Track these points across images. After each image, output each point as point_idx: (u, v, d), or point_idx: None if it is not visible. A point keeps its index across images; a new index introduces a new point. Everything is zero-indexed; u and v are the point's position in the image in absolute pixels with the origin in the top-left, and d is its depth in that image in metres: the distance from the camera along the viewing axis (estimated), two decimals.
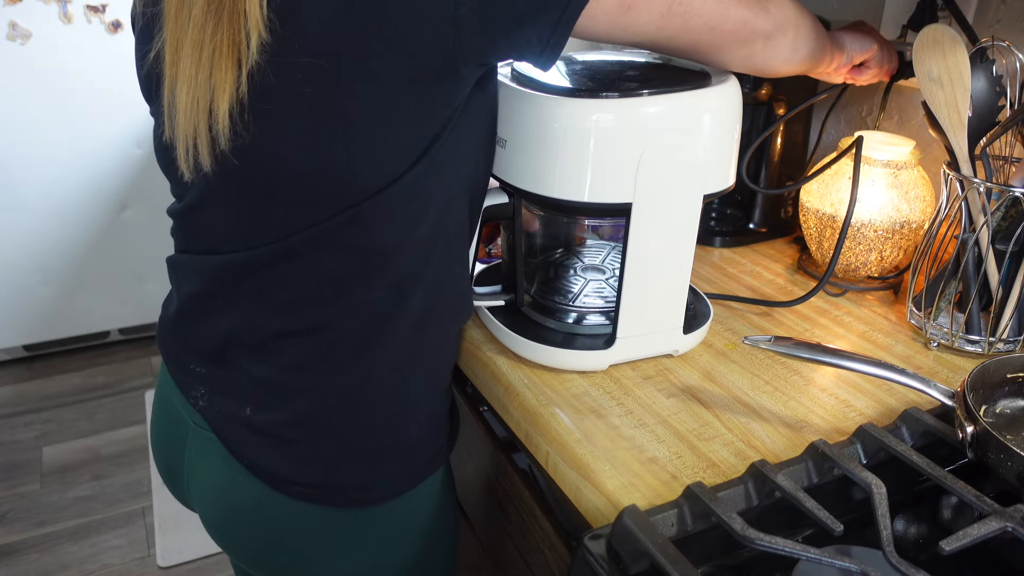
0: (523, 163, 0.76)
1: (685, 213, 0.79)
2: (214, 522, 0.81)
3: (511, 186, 0.79)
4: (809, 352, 0.72)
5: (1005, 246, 0.86)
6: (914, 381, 0.71)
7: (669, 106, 0.74)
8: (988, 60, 0.85)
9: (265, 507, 0.76)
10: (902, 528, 0.64)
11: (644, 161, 0.74)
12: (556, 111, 0.73)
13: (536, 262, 0.97)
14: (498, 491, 0.89)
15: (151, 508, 1.98)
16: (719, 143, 0.77)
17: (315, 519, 0.76)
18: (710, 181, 0.78)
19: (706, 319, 0.89)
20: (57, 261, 2.45)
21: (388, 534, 0.80)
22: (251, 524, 0.78)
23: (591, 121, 0.73)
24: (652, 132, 0.73)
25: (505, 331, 0.85)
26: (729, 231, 1.18)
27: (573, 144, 0.73)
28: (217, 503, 0.79)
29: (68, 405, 2.39)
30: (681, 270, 0.82)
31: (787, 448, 0.73)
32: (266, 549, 0.78)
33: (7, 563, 1.82)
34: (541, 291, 0.92)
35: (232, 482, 0.77)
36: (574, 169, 0.74)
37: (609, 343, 0.82)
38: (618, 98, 0.73)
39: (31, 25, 2.17)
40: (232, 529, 0.80)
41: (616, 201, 0.75)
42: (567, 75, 0.78)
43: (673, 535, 0.60)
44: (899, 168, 0.97)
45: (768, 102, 1.12)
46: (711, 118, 0.76)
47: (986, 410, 0.71)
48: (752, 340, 0.74)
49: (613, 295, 0.89)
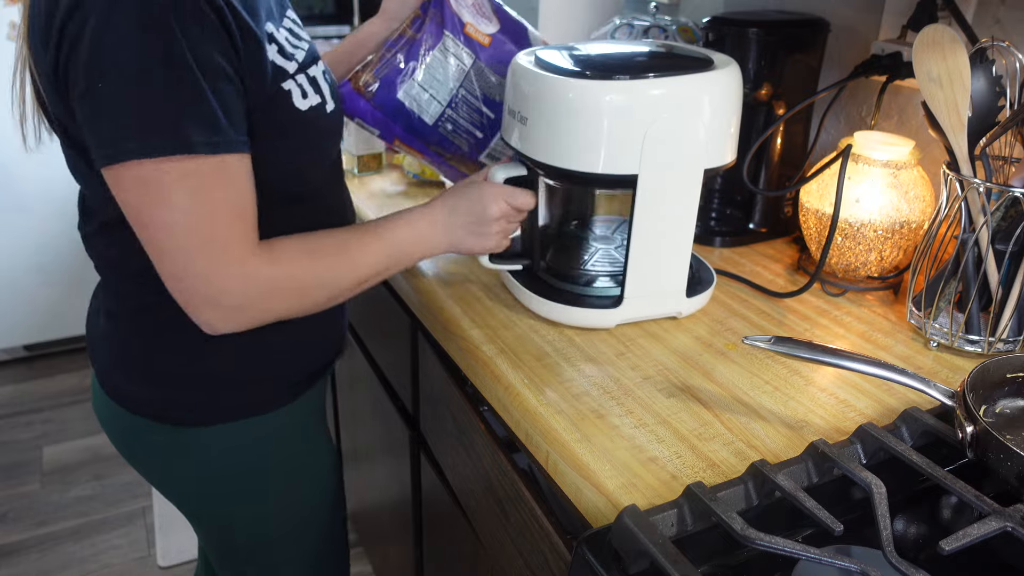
0: (542, 138, 0.86)
1: (687, 185, 0.86)
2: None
3: (531, 159, 0.87)
4: (809, 352, 0.72)
5: (1005, 246, 0.86)
6: (914, 381, 0.71)
7: (673, 87, 0.83)
8: (988, 60, 0.85)
9: (106, 410, 0.88)
10: (902, 528, 0.64)
11: (651, 136, 0.82)
12: (573, 91, 0.82)
13: (551, 232, 1.04)
14: (498, 491, 0.89)
15: (151, 508, 1.98)
16: (719, 122, 0.85)
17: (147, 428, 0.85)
18: (710, 156, 0.86)
19: (709, 285, 0.95)
20: (57, 261, 2.45)
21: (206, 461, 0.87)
22: (106, 425, 0.90)
23: (604, 101, 0.81)
24: (658, 110, 0.82)
25: (526, 292, 0.94)
26: (729, 231, 1.18)
27: (588, 120, 0.82)
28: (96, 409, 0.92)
29: (68, 405, 2.39)
30: (684, 236, 0.90)
31: (787, 448, 0.73)
32: (121, 448, 0.90)
33: (7, 563, 1.82)
34: (556, 259, 1.01)
35: (94, 387, 0.90)
36: (588, 143, 0.83)
37: (617, 303, 0.90)
38: (628, 80, 0.82)
39: None
40: (101, 424, 0.91)
41: (626, 173, 0.84)
42: (582, 61, 0.87)
43: (673, 535, 0.60)
44: (899, 168, 0.97)
45: (768, 102, 1.12)
46: (711, 99, 0.84)
47: (986, 410, 0.71)
48: (752, 340, 0.74)
49: (621, 261, 0.97)
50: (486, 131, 1.08)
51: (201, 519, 0.95)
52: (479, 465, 0.94)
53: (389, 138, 1.10)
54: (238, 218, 0.69)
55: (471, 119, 1.07)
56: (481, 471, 0.94)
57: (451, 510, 1.08)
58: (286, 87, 0.74)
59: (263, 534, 0.95)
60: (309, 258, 0.76)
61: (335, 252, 0.78)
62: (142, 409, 0.84)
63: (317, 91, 0.78)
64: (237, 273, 0.70)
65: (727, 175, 1.20)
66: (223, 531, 0.94)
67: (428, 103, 1.05)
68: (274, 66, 0.73)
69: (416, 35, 1.04)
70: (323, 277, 0.77)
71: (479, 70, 1.05)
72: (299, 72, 0.76)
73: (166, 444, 0.86)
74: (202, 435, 0.85)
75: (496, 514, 0.91)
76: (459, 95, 1.05)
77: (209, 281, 0.69)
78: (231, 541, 0.95)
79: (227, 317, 0.72)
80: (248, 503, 0.91)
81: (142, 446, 0.88)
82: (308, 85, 0.77)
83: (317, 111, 0.78)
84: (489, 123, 1.08)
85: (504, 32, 1.05)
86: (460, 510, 1.05)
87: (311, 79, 0.78)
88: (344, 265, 0.79)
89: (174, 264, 0.69)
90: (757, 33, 1.06)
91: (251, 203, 0.71)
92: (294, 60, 0.76)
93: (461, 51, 1.04)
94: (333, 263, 0.78)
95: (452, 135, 1.08)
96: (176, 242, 0.67)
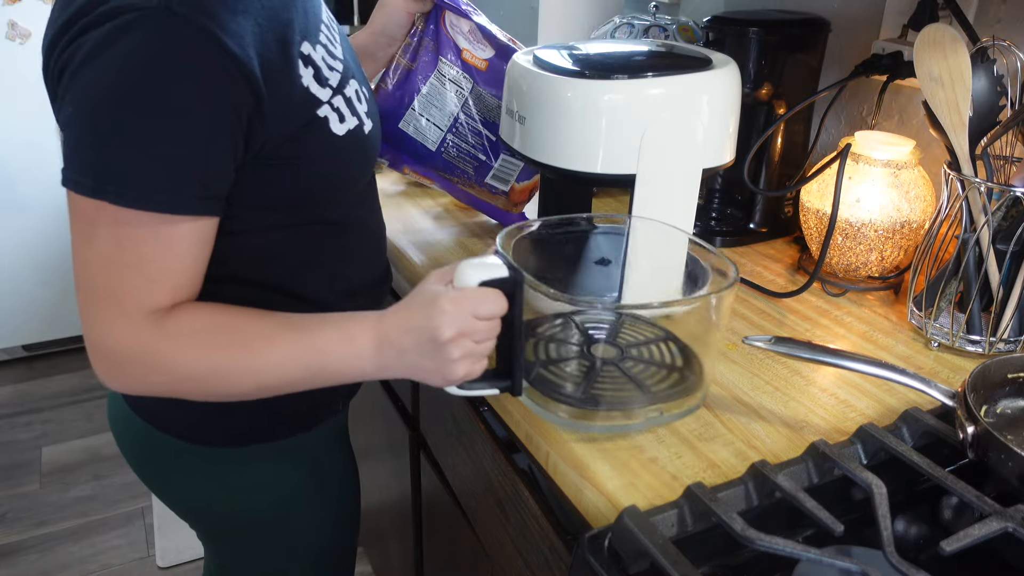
0: (541, 138, 0.85)
1: (685, 184, 0.86)
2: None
3: (531, 160, 0.86)
4: (810, 352, 0.72)
5: (1006, 246, 0.86)
6: (915, 381, 0.71)
7: (672, 87, 0.83)
8: (989, 60, 0.85)
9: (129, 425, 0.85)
10: (902, 528, 0.64)
11: (649, 136, 0.82)
12: (571, 90, 0.82)
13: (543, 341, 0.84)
14: (498, 491, 0.89)
15: (151, 508, 1.98)
16: (717, 122, 0.85)
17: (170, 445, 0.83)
18: (709, 156, 0.86)
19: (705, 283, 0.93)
20: (57, 261, 2.44)
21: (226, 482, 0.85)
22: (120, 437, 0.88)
23: (603, 100, 0.81)
24: (656, 110, 0.82)
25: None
26: (729, 231, 1.18)
27: (586, 120, 0.82)
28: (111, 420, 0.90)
29: (68, 405, 2.38)
30: (681, 236, 0.88)
31: (787, 448, 0.72)
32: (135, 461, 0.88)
33: (7, 563, 1.82)
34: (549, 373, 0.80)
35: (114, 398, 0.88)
36: (587, 143, 0.83)
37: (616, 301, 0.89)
38: (627, 79, 0.81)
39: (31, 25, 2.17)
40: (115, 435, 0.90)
41: (624, 172, 0.83)
42: (581, 60, 0.86)
43: (673, 535, 0.60)
44: (899, 168, 0.97)
45: (768, 102, 1.11)
46: (709, 99, 0.84)
47: (987, 410, 0.71)
48: (752, 340, 0.74)
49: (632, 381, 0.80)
50: (488, 154, 1.09)
51: (212, 535, 0.93)
52: (479, 465, 0.94)
53: (399, 166, 1.12)
54: (152, 281, 0.64)
55: (473, 143, 1.08)
56: (481, 471, 0.94)
57: (451, 510, 1.08)
58: (321, 114, 0.71)
59: (277, 555, 0.93)
60: (204, 346, 0.66)
61: (237, 345, 0.67)
62: (172, 428, 0.82)
63: (354, 113, 0.75)
64: (119, 334, 0.65)
65: (727, 175, 1.20)
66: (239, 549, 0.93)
67: (429, 129, 1.06)
68: (308, 94, 0.69)
69: (412, 64, 1.05)
70: (218, 370, 0.67)
71: (477, 95, 1.06)
72: (335, 95, 0.72)
73: (190, 463, 0.84)
74: (230, 455, 0.84)
75: (496, 514, 0.91)
76: (459, 119, 1.07)
77: (94, 330, 0.65)
78: (244, 557, 0.93)
79: (108, 374, 0.67)
80: (267, 522, 0.90)
81: (161, 462, 0.86)
82: (345, 107, 0.74)
83: (355, 135, 0.75)
84: (491, 145, 1.09)
85: (500, 57, 1.06)
86: (460, 510, 1.05)
87: (347, 100, 0.74)
88: (242, 362, 0.67)
89: (81, 299, 0.66)
90: (757, 33, 1.06)
91: (183, 269, 0.66)
92: (328, 86, 0.72)
93: (459, 76, 1.05)
94: (229, 358, 0.67)
95: (456, 160, 1.09)
96: (84, 280, 0.65)
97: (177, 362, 0.66)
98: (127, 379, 0.68)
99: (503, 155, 1.09)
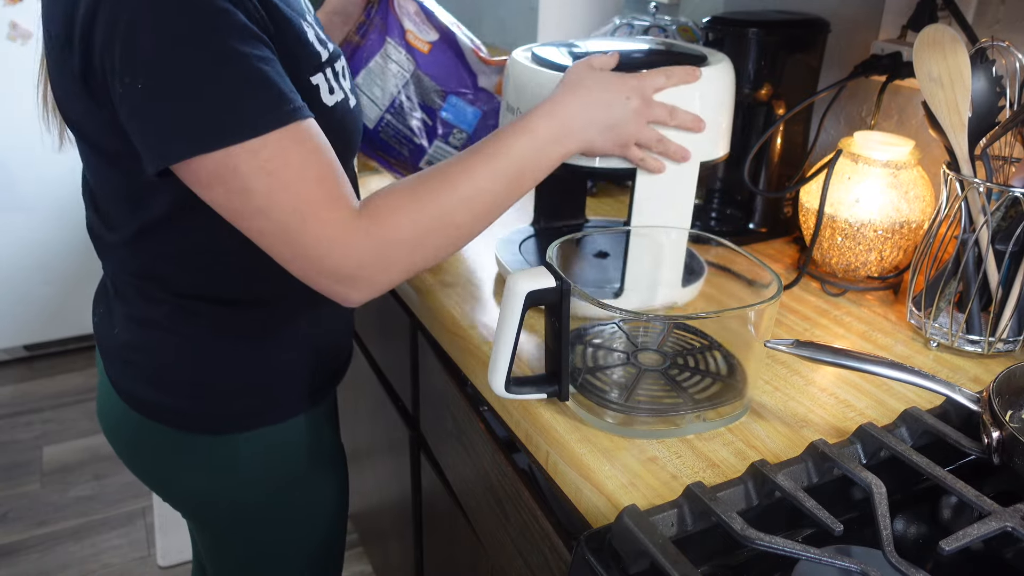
0: None
1: (683, 178, 0.88)
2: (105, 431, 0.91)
3: None
4: (833, 356, 0.72)
5: (1005, 246, 0.86)
6: (939, 386, 0.70)
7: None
8: (988, 60, 0.85)
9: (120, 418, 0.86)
10: (902, 528, 0.64)
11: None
12: None
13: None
14: (498, 491, 0.89)
15: (151, 508, 1.98)
16: (712, 117, 0.86)
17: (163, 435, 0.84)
18: (704, 150, 0.87)
19: (701, 275, 0.96)
20: (57, 261, 2.45)
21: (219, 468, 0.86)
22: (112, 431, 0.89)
23: None
24: None
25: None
26: (729, 231, 1.18)
27: None
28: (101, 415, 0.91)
29: (68, 405, 2.39)
30: (680, 230, 0.91)
31: (787, 448, 0.73)
32: (128, 454, 0.89)
33: (7, 563, 1.82)
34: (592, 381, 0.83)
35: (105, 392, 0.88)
36: None
37: (617, 295, 0.91)
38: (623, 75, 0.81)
39: (31, 25, 2.17)
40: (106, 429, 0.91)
41: (623, 167, 0.85)
42: (580, 57, 0.86)
43: (673, 535, 0.60)
44: (899, 168, 0.97)
45: (768, 102, 1.12)
46: (704, 94, 0.85)
47: (1012, 415, 0.70)
48: (774, 344, 0.73)
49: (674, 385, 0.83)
50: (424, 137, 1.10)
51: (207, 524, 0.94)
52: (479, 465, 0.94)
53: None
54: (322, 180, 0.66)
55: (410, 125, 1.09)
56: (481, 471, 0.94)
57: (451, 510, 1.08)
58: (315, 81, 0.73)
59: (270, 540, 0.94)
60: (414, 203, 0.69)
61: (442, 188, 0.71)
62: (164, 417, 0.83)
63: (340, 88, 0.77)
64: (340, 240, 0.66)
65: (727, 175, 1.21)
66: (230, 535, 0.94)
67: (368, 107, 1.07)
68: (310, 51, 0.72)
69: (361, 41, 1.06)
70: (437, 215, 0.70)
71: (418, 78, 1.07)
72: (325, 67, 0.75)
73: (184, 452, 0.85)
74: (221, 442, 0.85)
75: (496, 514, 0.91)
76: (398, 101, 1.07)
77: (322, 261, 0.66)
78: (237, 545, 0.94)
79: (353, 285, 0.68)
80: (261, 509, 0.91)
81: (155, 453, 0.87)
82: (333, 80, 0.76)
83: (343, 107, 0.77)
84: (428, 129, 1.10)
85: (443, 41, 1.07)
86: (460, 510, 1.05)
87: (336, 74, 0.77)
88: (453, 198, 0.71)
89: (286, 247, 0.66)
90: (757, 33, 1.07)
91: (329, 162, 0.67)
92: (327, 48, 0.76)
93: (403, 58, 1.06)
94: (441, 200, 0.70)
95: (393, 140, 1.10)
96: (276, 225, 0.65)
97: (403, 231, 0.68)
98: (374, 279, 0.69)
99: (437, 141, 1.10)
